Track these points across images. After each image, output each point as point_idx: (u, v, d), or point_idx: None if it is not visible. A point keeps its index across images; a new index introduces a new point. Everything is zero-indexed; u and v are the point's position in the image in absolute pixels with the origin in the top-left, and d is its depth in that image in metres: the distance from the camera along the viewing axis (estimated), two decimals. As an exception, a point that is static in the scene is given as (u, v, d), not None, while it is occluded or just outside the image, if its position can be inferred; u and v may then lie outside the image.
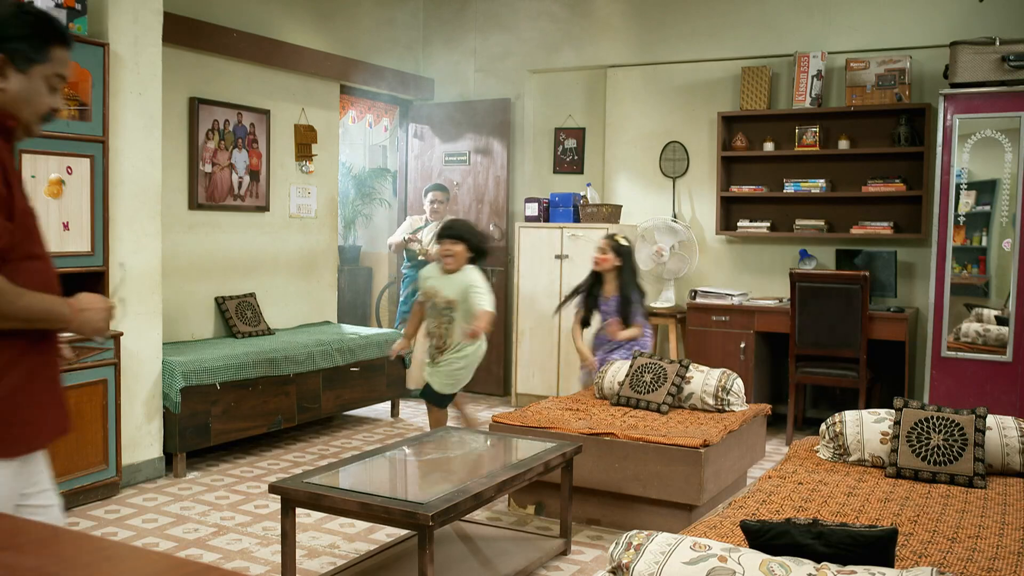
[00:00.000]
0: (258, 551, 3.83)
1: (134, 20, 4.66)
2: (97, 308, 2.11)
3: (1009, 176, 5.20)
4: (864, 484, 3.33)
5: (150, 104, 4.78)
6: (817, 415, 6.31)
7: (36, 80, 2.03)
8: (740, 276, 6.63)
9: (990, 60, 5.18)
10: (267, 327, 6.06)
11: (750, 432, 4.56)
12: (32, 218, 2.06)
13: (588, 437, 4.09)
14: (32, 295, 1.99)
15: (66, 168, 4.25)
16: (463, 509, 3.12)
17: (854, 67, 6.05)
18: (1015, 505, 3.09)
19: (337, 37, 6.94)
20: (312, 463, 5.19)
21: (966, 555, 2.59)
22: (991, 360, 5.25)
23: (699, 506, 3.96)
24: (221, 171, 6.02)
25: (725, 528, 2.77)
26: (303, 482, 3.23)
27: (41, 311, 2.00)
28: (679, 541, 2.16)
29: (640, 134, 6.96)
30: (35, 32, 2.02)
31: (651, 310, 6.53)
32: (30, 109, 2.04)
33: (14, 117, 2.03)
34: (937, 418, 3.47)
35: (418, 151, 7.71)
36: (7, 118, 2.02)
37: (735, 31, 6.56)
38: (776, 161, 6.43)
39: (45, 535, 1.61)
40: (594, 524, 4.20)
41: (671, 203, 6.85)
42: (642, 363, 4.72)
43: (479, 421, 5.10)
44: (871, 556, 2.13)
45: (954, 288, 5.35)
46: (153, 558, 1.50)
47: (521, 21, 7.31)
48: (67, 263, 4.26)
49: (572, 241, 6.56)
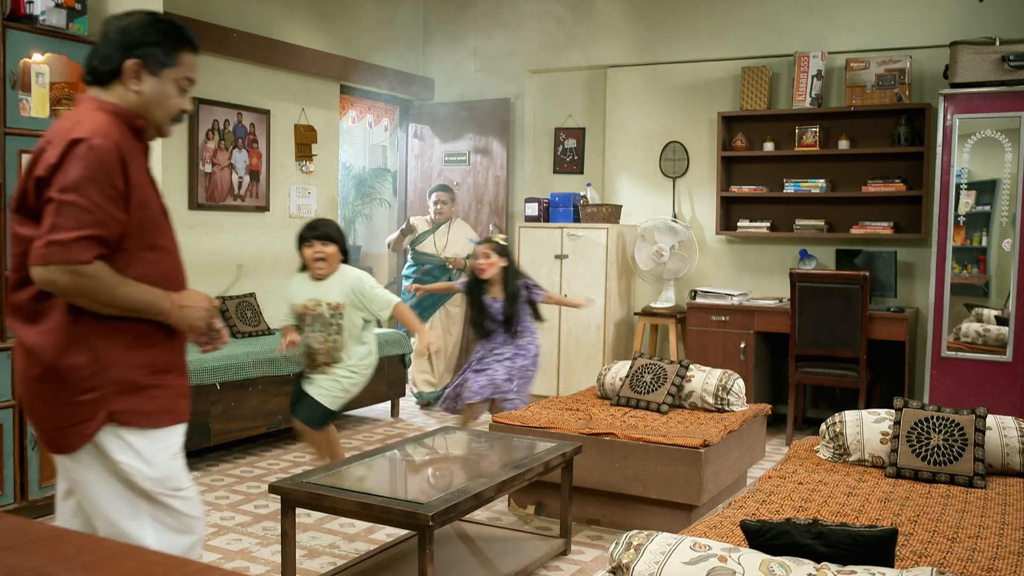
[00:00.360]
0: (258, 551, 3.83)
1: (134, 20, 4.65)
2: (198, 306, 2.22)
3: (1009, 176, 5.20)
4: (864, 484, 3.33)
5: (150, 104, 4.77)
6: (817, 415, 6.31)
7: (167, 83, 2.19)
8: (740, 276, 6.63)
9: (990, 60, 5.18)
10: (267, 327, 6.06)
11: (750, 432, 4.56)
12: (155, 211, 2.18)
13: (588, 437, 4.09)
14: (134, 286, 2.09)
15: (66, 168, 4.24)
16: (463, 509, 3.12)
17: (854, 67, 6.05)
18: (1015, 505, 3.09)
19: (337, 37, 6.94)
20: (312, 463, 5.19)
21: (966, 555, 2.59)
22: (991, 360, 5.25)
23: (699, 506, 3.96)
24: (221, 171, 6.02)
25: (725, 528, 2.77)
26: (303, 482, 3.23)
27: (140, 302, 2.11)
28: (679, 541, 2.16)
29: (640, 134, 6.96)
30: (166, 38, 2.18)
31: (651, 310, 6.54)
32: (161, 110, 2.20)
33: (143, 117, 2.18)
34: (937, 418, 3.47)
35: (418, 151, 7.71)
36: (136, 118, 2.17)
37: (735, 31, 6.56)
38: (776, 161, 6.43)
39: (45, 535, 1.61)
40: (594, 524, 4.20)
41: (671, 203, 6.85)
42: (642, 363, 4.72)
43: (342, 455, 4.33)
44: (871, 556, 2.13)
45: (954, 288, 5.35)
46: (153, 558, 1.50)
47: (521, 21, 7.31)
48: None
49: (572, 241, 6.56)
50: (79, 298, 2.05)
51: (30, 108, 4.08)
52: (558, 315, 6.59)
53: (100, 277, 2.03)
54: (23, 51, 4.03)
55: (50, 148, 2.06)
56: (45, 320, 2.09)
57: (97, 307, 2.07)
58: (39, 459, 4.07)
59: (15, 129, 3.99)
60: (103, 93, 2.18)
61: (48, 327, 2.09)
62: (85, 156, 2.02)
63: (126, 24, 2.17)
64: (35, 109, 4.10)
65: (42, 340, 2.09)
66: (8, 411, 3.96)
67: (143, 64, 2.15)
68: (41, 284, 2.04)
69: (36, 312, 2.10)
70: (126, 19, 2.19)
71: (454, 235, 6.70)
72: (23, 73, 4.04)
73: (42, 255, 2.00)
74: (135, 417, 2.14)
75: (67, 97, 4.32)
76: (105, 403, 2.11)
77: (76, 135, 2.04)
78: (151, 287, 2.14)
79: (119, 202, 2.06)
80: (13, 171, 4.00)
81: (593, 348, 6.49)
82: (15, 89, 3.99)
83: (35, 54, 4.10)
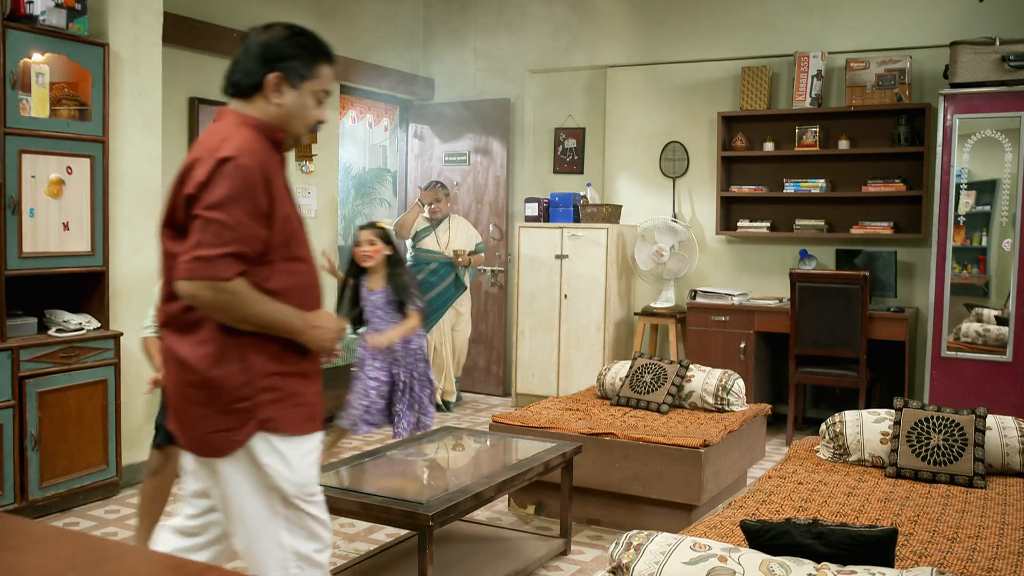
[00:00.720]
0: (258, 551, 3.82)
1: (134, 20, 4.66)
2: (328, 328, 2.26)
3: (1009, 176, 5.20)
4: (864, 484, 3.33)
5: (150, 104, 4.77)
6: (817, 415, 6.30)
7: (306, 95, 2.24)
8: (740, 276, 6.63)
9: (990, 60, 5.18)
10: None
11: (750, 432, 4.56)
12: (296, 223, 2.24)
13: (588, 437, 4.09)
14: (270, 304, 2.15)
15: (66, 168, 4.25)
16: (463, 509, 3.12)
17: (854, 67, 6.05)
18: (1015, 505, 3.09)
19: (337, 37, 6.94)
20: (312, 463, 5.18)
21: (966, 555, 2.59)
22: (991, 360, 5.25)
23: (699, 506, 3.96)
24: (221, 171, 6.02)
25: (725, 528, 2.77)
26: (303, 482, 3.22)
27: (274, 321, 2.16)
28: (679, 541, 2.16)
29: (640, 134, 6.96)
30: (306, 51, 2.23)
31: (651, 310, 6.54)
32: (300, 122, 2.25)
33: (283, 129, 2.24)
34: (937, 418, 3.47)
35: (418, 151, 7.71)
36: (277, 131, 2.23)
37: (735, 31, 6.56)
38: (776, 161, 6.43)
39: (45, 535, 1.61)
40: (594, 524, 4.20)
41: (671, 203, 6.85)
42: (642, 363, 4.72)
43: None
44: (871, 556, 2.13)
45: (954, 288, 5.35)
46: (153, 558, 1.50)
47: (522, 21, 7.30)
48: (67, 263, 4.26)
49: (572, 241, 6.56)
50: (218, 312, 2.11)
51: (30, 108, 4.08)
52: (558, 315, 6.59)
53: (240, 294, 2.10)
54: (23, 51, 4.03)
55: (199, 166, 2.11)
56: (198, 332, 2.16)
57: (233, 322, 2.13)
58: (39, 459, 4.08)
59: (15, 129, 3.99)
60: (245, 106, 2.23)
61: (201, 338, 2.15)
62: (232, 175, 2.08)
63: (267, 38, 2.22)
64: (35, 109, 4.10)
65: (195, 352, 2.15)
66: (8, 411, 3.96)
67: (284, 77, 2.20)
68: (185, 298, 2.11)
69: (188, 323, 2.17)
70: (267, 33, 2.23)
71: (455, 231, 6.64)
72: (23, 73, 4.04)
73: (187, 270, 2.07)
74: (282, 424, 2.20)
75: (67, 97, 4.33)
76: (256, 411, 2.17)
77: (224, 154, 2.09)
78: (285, 306, 2.18)
79: (262, 220, 2.12)
80: (13, 171, 4.00)
81: (593, 348, 6.49)
82: (15, 89, 3.99)
83: (35, 54, 4.10)
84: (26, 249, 4.09)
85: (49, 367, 4.12)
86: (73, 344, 4.25)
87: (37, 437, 4.04)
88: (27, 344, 4.06)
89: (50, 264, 4.20)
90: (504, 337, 7.29)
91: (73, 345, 4.25)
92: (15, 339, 4.07)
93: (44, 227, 4.17)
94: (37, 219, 4.13)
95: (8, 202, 3.99)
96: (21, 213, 4.05)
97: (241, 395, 2.15)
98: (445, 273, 6.51)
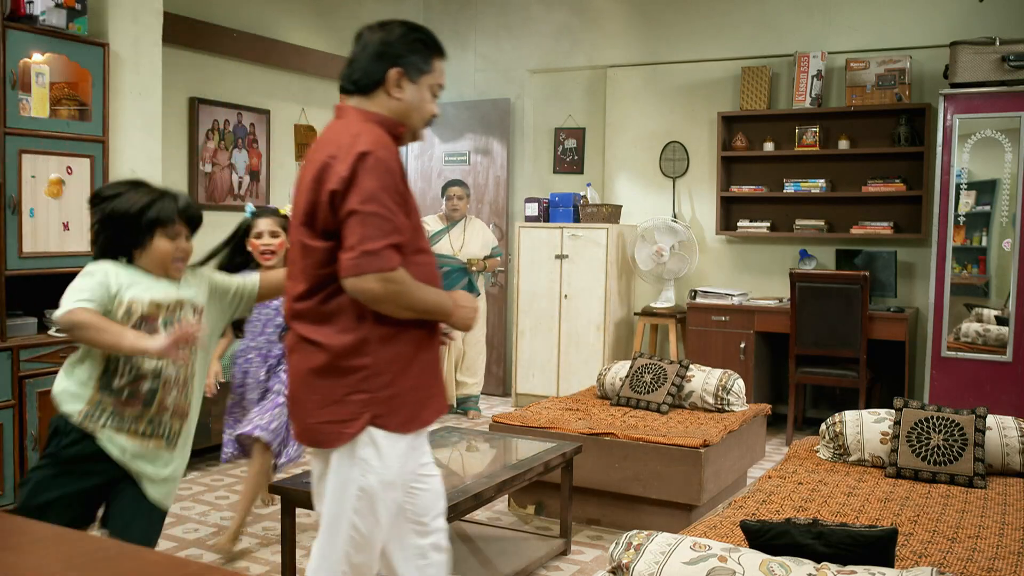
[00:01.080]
0: (258, 551, 3.83)
1: (134, 20, 4.66)
2: (470, 307, 2.35)
3: (1009, 176, 5.20)
4: (864, 484, 3.33)
5: (150, 104, 4.77)
6: (817, 415, 6.30)
7: (423, 89, 2.31)
8: (740, 276, 6.63)
9: (990, 60, 5.18)
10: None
11: (750, 432, 4.56)
12: (418, 215, 2.30)
13: (588, 437, 4.09)
14: (427, 289, 2.24)
15: (66, 168, 4.25)
16: (463, 509, 3.12)
17: (854, 67, 6.05)
18: (1015, 505, 3.09)
19: (337, 37, 6.94)
20: (312, 463, 5.18)
21: (966, 555, 2.59)
22: (991, 360, 5.25)
23: (699, 506, 3.96)
24: (221, 171, 6.02)
25: (725, 528, 2.77)
26: (303, 482, 3.22)
27: (432, 304, 2.25)
28: (679, 541, 2.16)
29: (640, 134, 6.96)
30: (424, 46, 2.31)
31: (651, 310, 6.54)
32: (419, 115, 2.32)
33: (403, 124, 2.30)
34: (937, 418, 3.47)
35: (418, 151, 7.71)
36: (398, 125, 2.29)
37: (735, 31, 6.56)
38: (776, 161, 6.43)
39: (45, 535, 1.61)
40: (594, 524, 4.20)
41: (671, 203, 6.85)
42: (642, 363, 4.72)
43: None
44: (871, 556, 2.13)
45: (954, 288, 5.35)
46: (153, 558, 1.50)
47: (521, 21, 7.31)
48: (67, 263, 4.25)
49: (572, 241, 6.56)
50: (386, 303, 2.15)
51: (30, 108, 4.08)
52: (558, 315, 6.59)
53: (405, 282, 2.16)
54: (23, 51, 4.03)
55: (337, 163, 2.14)
56: (335, 323, 2.20)
57: (398, 311, 2.18)
58: (39, 459, 4.07)
59: (15, 129, 4.00)
60: (365, 102, 2.28)
61: (338, 328, 2.20)
62: (375, 168, 2.13)
63: (385, 35, 2.29)
64: (35, 109, 4.10)
65: (332, 339, 2.19)
66: (8, 411, 3.96)
67: (404, 72, 2.26)
68: (354, 293, 2.14)
69: (325, 315, 2.21)
70: (383, 31, 2.30)
71: (471, 234, 6.41)
72: (23, 73, 4.04)
73: (356, 266, 2.10)
74: (391, 422, 2.24)
75: (67, 97, 4.33)
76: (371, 405, 2.21)
77: (362, 148, 2.14)
78: (436, 290, 2.28)
79: (405, 209, 2.20)
80: (13, 171, 4.00)
81: (593, 348, 6.49)
82: (15, 89, 3.99)
83: (35, 54, 4.10)
84: (26, 249, 4.09)
85: (49, 367, 4.12)
86: (73, 344, 4.24)
87: (37, 437, 4.04)
88: (27, 344, 4.06)
89: (50, 264, 4.20)
90: (504, 337, 7.29)
91: (73, 345, 4.24)
92: (15, 339, 4.07)
93: (44, 227, 4.18)
94: (37, 219, 4.13)
95: (8, 202, 3.99)
96: (21, 213, 4.05)
97: (361, 388, 2.20)
98: (457, 278, 6.19)
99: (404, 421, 2.27)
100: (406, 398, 2.26)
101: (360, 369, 2.19)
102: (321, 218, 2.17)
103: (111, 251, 2.45)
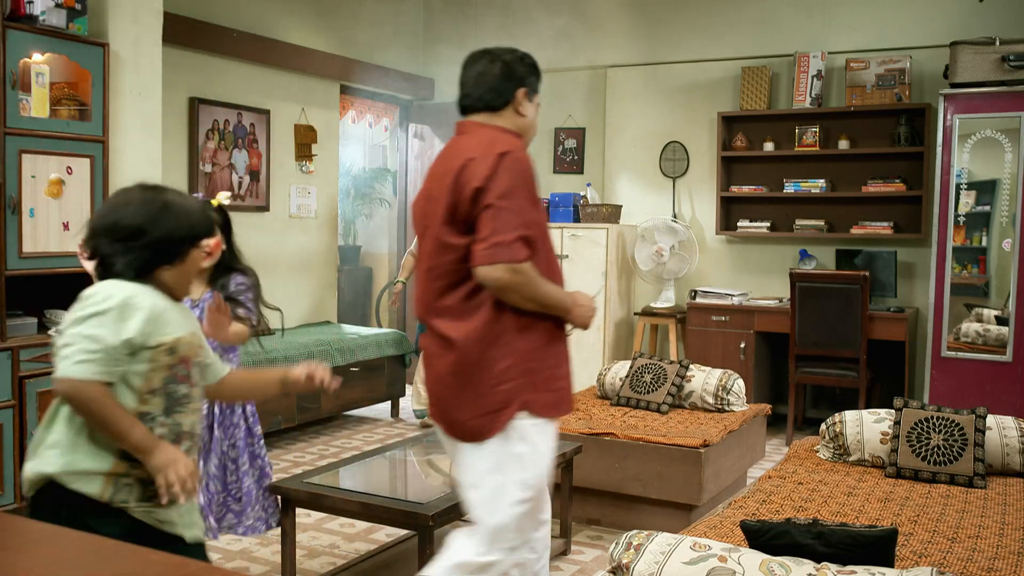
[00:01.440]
0: (258, 551, 3.83)
1: (134, 20, 4.65)
2: (588, 306, 2.52)
3: (1009, 176, 5.19)
4: (864, 484, 3.33)
5: (150, 104, 4.77)
6: (817, 415, 6.30)
7: (535, 107, 2.62)
8: (740, 276, 6.63)
9: (990, 60, 5.18)
10: (267, 327, 6.04)
11: (750, 432, 4.56)
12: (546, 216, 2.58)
13: (588, 437, 4.09)
14: (549, 284, 2.41)
15: (66, 168, 4.25)
16: (463, 509, 3.12)
17: (854, 67, 6.05)
18: (1015, 505, 3.09)
19: (337, 36, 6.94)
20: (312, 463, 5.19)
21: (966, 555, 2.59)
22: (991, 360, 5.25)
23: (699, 506, 3.96)
24: (221, 171, 6.02)
25: (725, 528, 2.77)
26: (303, 482, 3.23)
27: (554, 299, 2.43)
28: (679, 541, 2.16)
29: (640, 134, 6.96)
30: (534, 70, 2.61)
31: (651, 310, 6.54)
32: (532, 130, 2.63)
33: (523, 137, 2.57)
34: (937, 418, 3.47)
35: (418, 151, 7.71)
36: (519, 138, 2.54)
37: (735, 31, 6.56)
38: (776, 161, 6.43)
39: (45, 535, 1.61)
40: (594, 524, 4.20)
41: (671, 203, 6.85)
42: (642, 363, 4.72)
43: None
44: (871, 556, 2.13)
45: (954, 288, 5.35)
46: (153, 558, 1.50)
47: (522, 21, 7.30)
48: (67, 263, 4.25)
49: (572, 241, 6.56)
50: (511, 293, 2.33)
51: (30, 108, 4.08)
52: (558, 315, 6.59)
53: (531, 274, 2.35)
54: (23, 51, 4.03)
55: (477, 163, 2.35)
56: (473, 318, 2.38)
57: (522, 302, 2.36)
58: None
59: (15, 129, 3.99)
60: (493, 118, 2.54)
61: (475, 323, 2.37)
62: (512, 167, 2.36)
63: (507, 60, 2.55)
64: (35, 109, 4.10)
65: (468, 335, 2.37)
66: (8, 411, 3.96)
67: (527, 92, 2.56)
68: (485, 281, 2.32)
69: (465, 311, 2.39)
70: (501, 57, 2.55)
71: None
72: (23, 73, 4.04)
73: (488, 255, 2.29)
74: (540, 407, 2.41)
75: (67, 97, 4.32)
76: (520, 392, 2.38)
77: (501, 149, 2.37)
78: (558, 287, 2.46)
79: (537, 207, 2.42)
80: (13, 171, 4.00)
81: (593, 348, 6.49)
82: (15, 89, 3.99)
83: (35, 54, 4.10)
84: (26, 249, 4.09)
85: (49, 367, 4.11)
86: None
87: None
88: (27, 344, 4.06)
89: (50, 264, 4.20)
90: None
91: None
92: (15, 339, 4.07)
93: (44, 227, 4.17)
94: (37, 219, 4.13)
95: (8, 202, 3.99)
96: (21, 213, 4.05)
97: (506, 377, 2.36)
98: None
99: (553, 406, 2.44)
100: (553, 383, 2.43)
101: (501, 359, 2.36)
102: (463, 213, 2.35)
103: (142, 272, 2.00)
